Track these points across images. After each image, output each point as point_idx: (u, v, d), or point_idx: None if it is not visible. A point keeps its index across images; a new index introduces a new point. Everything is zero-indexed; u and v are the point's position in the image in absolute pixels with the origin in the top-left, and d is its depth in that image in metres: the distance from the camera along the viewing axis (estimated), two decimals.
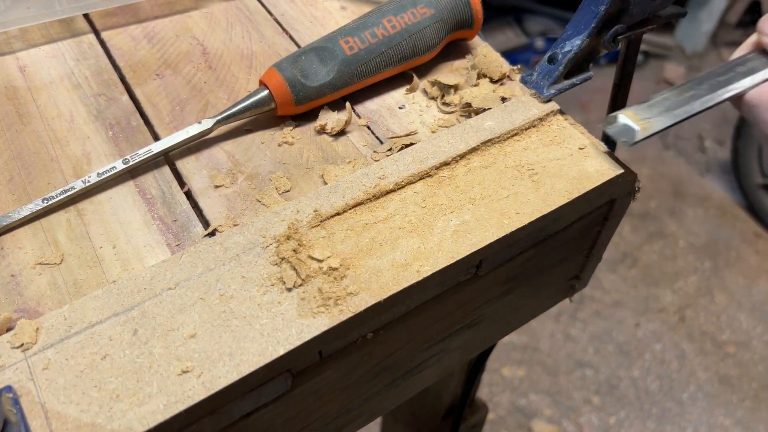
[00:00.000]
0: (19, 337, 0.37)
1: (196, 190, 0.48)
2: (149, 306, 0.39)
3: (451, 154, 0.48)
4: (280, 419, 0.44)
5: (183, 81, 0.56)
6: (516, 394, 1.79)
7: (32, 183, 0.47)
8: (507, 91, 0.54)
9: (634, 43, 0.57)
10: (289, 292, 0.40)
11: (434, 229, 0.44)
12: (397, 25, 0.53)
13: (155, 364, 0.36)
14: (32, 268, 0.42)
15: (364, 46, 0.52)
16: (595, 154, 0.49)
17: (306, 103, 0.51)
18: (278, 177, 0.49)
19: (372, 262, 0.42)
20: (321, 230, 0.43)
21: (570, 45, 0.52)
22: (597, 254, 0.60)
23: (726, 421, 1.77)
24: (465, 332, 0.55)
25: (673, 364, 1.88)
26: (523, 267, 0.52)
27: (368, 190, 0.46)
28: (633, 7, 0.51)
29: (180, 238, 0.45)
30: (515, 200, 0.46)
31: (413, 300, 0.45)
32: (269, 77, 0.51)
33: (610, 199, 0.52)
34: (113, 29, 0.61)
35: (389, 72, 0.54)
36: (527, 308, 0.62)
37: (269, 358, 0.37)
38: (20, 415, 0.34)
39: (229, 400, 0.37)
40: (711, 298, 2.04)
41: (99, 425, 0.34)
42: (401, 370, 0.52)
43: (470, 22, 0.57)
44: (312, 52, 0.52)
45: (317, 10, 0.64)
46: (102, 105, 0.54)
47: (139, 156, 0.47)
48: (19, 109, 0.53)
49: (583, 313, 1.98)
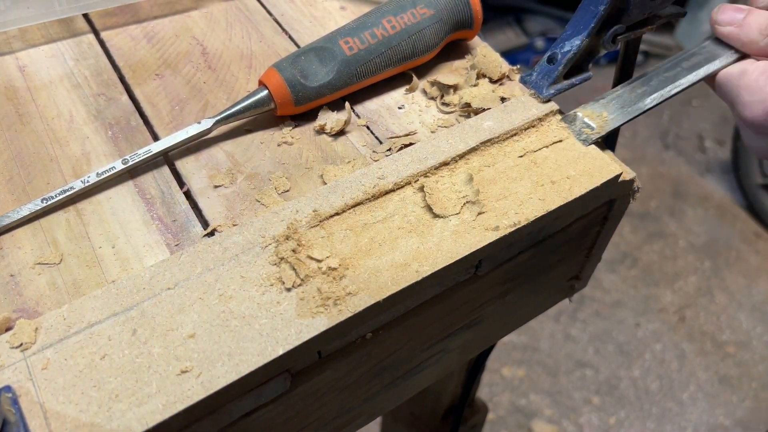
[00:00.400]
0: (18, 337, 0.37)
1: (195, 190, 0.48)
2: (148, 306, 0.39)
3: (450, 154, 0.48)
4: (279, 419, 0.44)
5: (182, 81, 0.56)
6: (516, 394, 1.79)
7: (32, 183, 0.47)
8: (506, 91, 0.54)
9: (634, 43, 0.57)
10: (288, 292, 0.40)
11: (433, 229, 0.44)
12: (397, 25, 0.53)
13: (154, 364, 0.36)
14: (31, 268, 0.42)
15: (364, 47, 0.52)
16: (594, 155, 0.49)
17: (305, 103, 0.51)
18: (277, 177, 0.49)
19: (371, 262, 0.42)
20: (320, 230, 0.43)
21: (569, 45, 0.52)
22: (596, 254, 0.60)
23: (726, 421, 1.77)
24: (464, 332, 0.55)
25: (673, 364, 1.88)
26: (523, 267, 0.52)
27: (367, 190, 0.46)
28: (632, 7, 0.51)
29: (179, 238, 0.45)
30: (514, 200, 0.46)
31: (412, 300, 0.45)
32: (269, 77, 0.51)
33: (610, 199, 0.52)
34: (113, 29, 0.61)
35: (389, 72, 0.54)
36: (527, 308, 0.62)
37: (268, 358, 0.37)
38: (19, 415, 0.34)
39: (228, 400, 0.37)
40: (711, 298, 2.04)
41: (98, 425, 0.34)
42: (401, 370, 0.52)
43: (470, 22, 0.56)
44: (311, 53, 0.51)
45: (317, 10, 0.64)
46: (101, 105, 0.54)
47: (139, 156, 0.47)
48: (19, 109, 0.53)
49: (583, 313, 1.98)
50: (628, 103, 0.52)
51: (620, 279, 2.07)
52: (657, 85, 0.52)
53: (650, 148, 2.49)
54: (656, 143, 2.51)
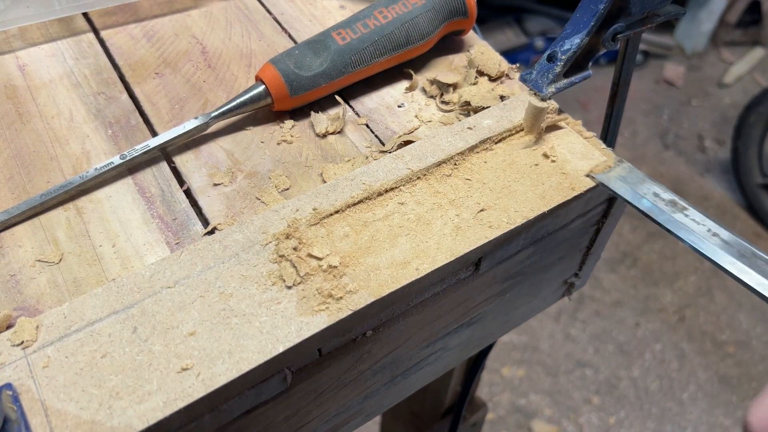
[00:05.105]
0: (19, 335, 0.37)
1: (195, 189, 0.48)
2: (149, 304, 0.39)
3: (449, 153, 0.48)
4: (279, 417, 0.44)
5: (182, 80, 0.56)
6: (516, 394, 1.79)
7: (32, 182, 0.47)
8: (506, 90, 0.55)
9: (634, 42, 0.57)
10: (289, 290, 0.40)
11: (433, 227, 0.44)
12: (389, 15, 0.54)
13: (155, 361, 0.36)
14: (32, 266, 0.42)
15: (356, 36, 0.53)
16: (594, 153, 0.49)
17: (301, 93, 0.52)
18: (277, 175, 0.49)
19: (371, 260, 0.42)
20: (320, 228, 0.43)
21: (569, 43, 0.52)
22: (596, 252, 0.60)
23: (726, 421, 1.77)
24: (464, 330, 0.55)
25: (673, 364, 1.88)
26: (522, 265, 0.52)
27: (367, 188, 0.46)
28: (632, 6, 0.51)
29: (179, 237, 0.45)
30: (514, 198, 0.46)
31: (412, 298, 0.45)
32: (264, 72, 0.51)
33: (609, 197, 0.52)
34: (112, 28, 0.61)
35: (385, 62, 0.55)
36: (526, 306, 0.62)
37: (269, 355, 0.37)
38: (20, 412, 0.34)
39: (228, 397, 0.37)
40: (711, 298, 2.04)
41: (99, 422, 0.34)
42: (400, 368, 0.52)
43: (464, 10, 0.57)
44: (305, 46, 0.53)
45: (316, 9, 0.64)
46: (101, 104, 0.54)
47: (136, 151, 0.47)
48: (19, 108, 0.53)
49: (583, 313, 1.98)
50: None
51: (620, 279, 2.07)
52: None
53: (650, 147, 2.49)
54: (656, 143, 2.51)
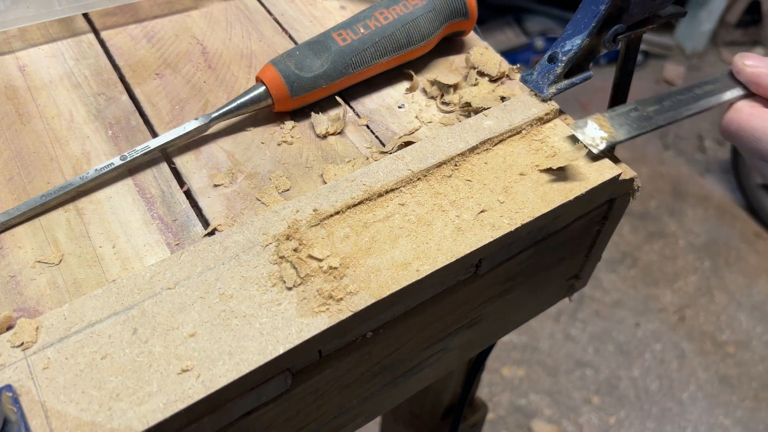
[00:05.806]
0: (19, 336, 0.37)
1: (195, 190, 0.48)
2: (149, 305, 0.39)
3: (450, 154, 0.48)
4: (279, 418, 0.44)
5: (182, 80, 0.56)
6: (516, 394, 1.79)
7: (32, 183, 0.47)
8: (506, 91, 0.55)
9: (634, 42, 0.57)
10: (289, 291, 0.40)
11: (434, 228, 0.44)
12: (390, 16, 0.54)
13: (155, 363, 0.36)
14: (32, 267, 0.42)
15: (357, 37, 0.53)
16: (594, 154, 0.49)
17: (302, 94, 0.52)
18: (278, 176, 0.49)
19: (372, 261, 0.42)
20: (321, 229, 0.43)
21: (570, 44, 0.52)
22: (596, 253, 0.60)
23: (726, 421, 1.77)
24: (465, 331, 0.55)
25: (673, 364, 1.88)
26: (523, 266, 0.52)
27: (368, 189, 0.46)
28: (633, 6, 0.51)
29: (179, 238, 0.45)
30: (515, 199, 0.46)
31: (413, 299, 0.45)
32: (264, 72, 0.51)
33: (610, 198, 0.52)
34: (113, 29, 0.61)
35: (385, 63, 0.55)
36: (527, 307, 0.62)
37: (269, 357, 0.37)
38: (20, 414, 0.34)
39: (228, 399, 0.37)
40: (711, 297, 2.04)
41: (99, 424, 0.34)
42: (401, 369, 0.52)
43: (465, 11, 0.57)
44: (306, 47, 0.53)
45: (317, 10, 0.64)
46: (102, 104, 0.54)
47: (137, 152, 0.47)
48: (19, 109, 0.53)
49: (583, 313, 1.98)
50: (638, 119, 0.52)
51: (620, 279, 2.07)
52: (669, 106, 0.53)
53: (650, 147, 2.49)
54: (656, 143, 2.51)
